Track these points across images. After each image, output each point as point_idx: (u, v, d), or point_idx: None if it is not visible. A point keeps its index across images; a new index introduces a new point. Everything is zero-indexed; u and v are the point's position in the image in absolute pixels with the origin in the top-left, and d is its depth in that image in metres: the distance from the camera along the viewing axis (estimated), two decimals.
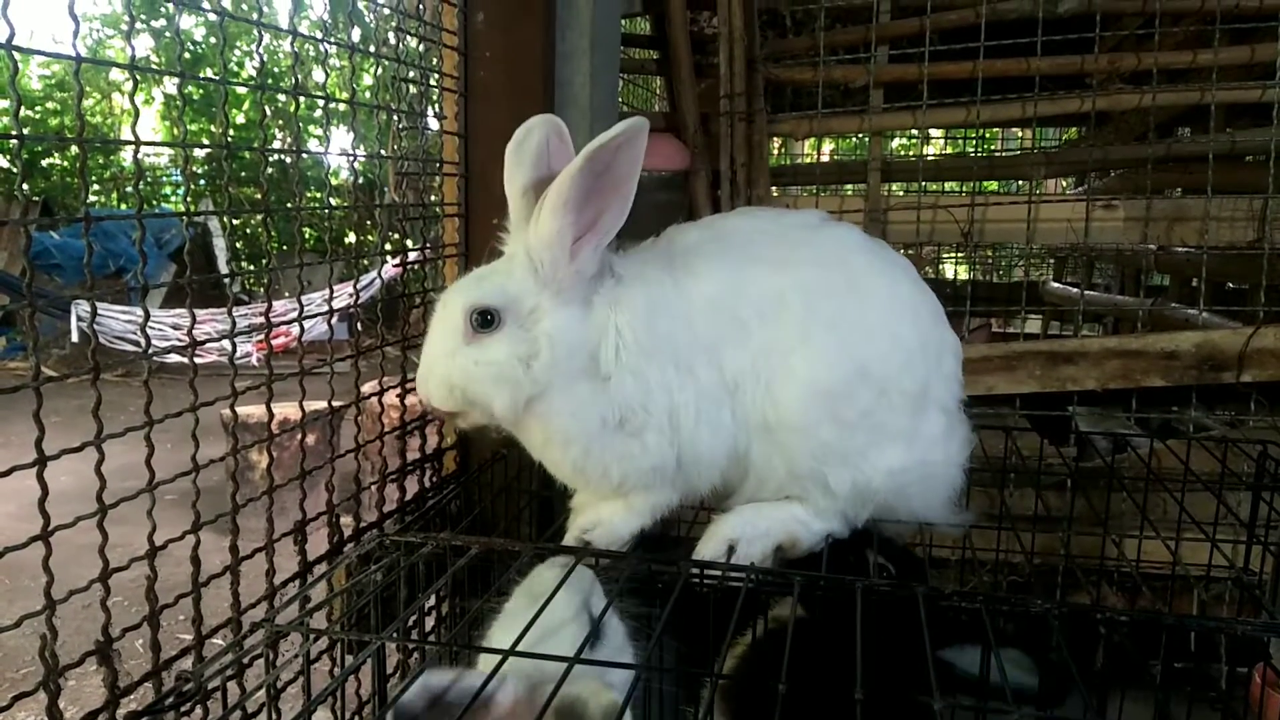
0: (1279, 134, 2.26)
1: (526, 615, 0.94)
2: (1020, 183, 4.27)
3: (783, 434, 1.20)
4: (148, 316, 1.24)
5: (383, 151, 1.93)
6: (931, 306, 1.33)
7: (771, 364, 1.19)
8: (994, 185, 5.31)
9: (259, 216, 1.44)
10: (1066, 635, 0.96)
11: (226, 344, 1.27)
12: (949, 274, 6.69)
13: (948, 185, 4.16)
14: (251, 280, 11.53)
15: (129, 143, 1.09)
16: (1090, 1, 2.60)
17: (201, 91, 10.79)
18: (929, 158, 3.85)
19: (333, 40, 1.58)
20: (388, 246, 1.77)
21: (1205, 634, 0.96)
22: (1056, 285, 5.29)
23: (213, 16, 1.23)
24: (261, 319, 1.32)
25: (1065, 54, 2.58)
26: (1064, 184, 5.26)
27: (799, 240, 1.27)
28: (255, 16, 1.31)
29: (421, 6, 1.75)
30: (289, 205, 1.40)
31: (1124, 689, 1.37)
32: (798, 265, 1.23)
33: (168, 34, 11.90)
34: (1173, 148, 2.87)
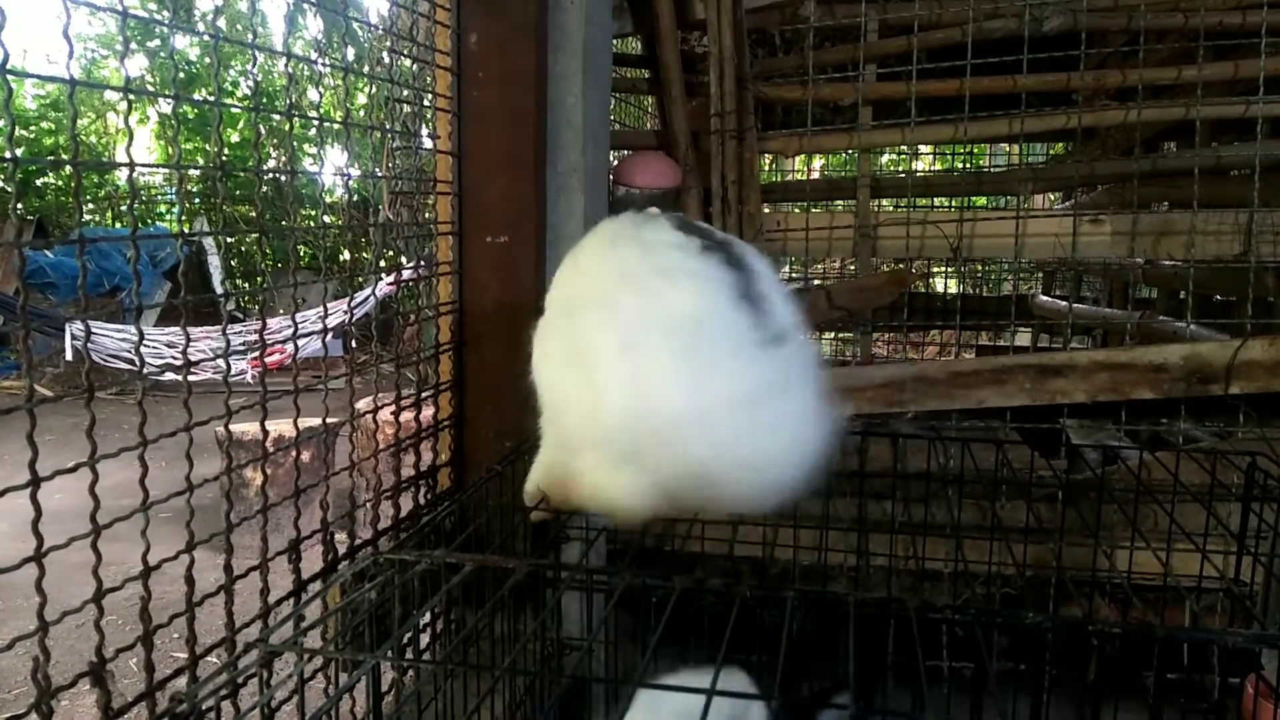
0: (1263, 149, 2.29)
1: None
2: (1008, 198, 4.31)
3: None
4: (142, 338, 1.25)
5: (377, 170, 1.95)
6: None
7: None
8: (982, 200, 5.36)
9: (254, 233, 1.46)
10: (1060, 648, 0.97)
11: (221, 361, 1.27)
12: (939, 287, 6.74)
13: (936, 200, 4.20)
14: (246, 297, 11.54)
15: (123, 165, 1.10)
16: (1075, 19, 2.64)
17: (196, 110, 10.83)
18: (918, 174, 3.89)
19: (327, 62, 1.60)
20: (382, 263, 1.78)
21: (1197, 645, 0.97)
22: (1045, 299, 5.31)
23: (207, 38, 1.24)
24: (256, 336, 1.32)
25: (1051, 71, 2.62)
26: (1051, 199, 5.30)
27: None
28: (249, 38, 1.32)
29: (415, 28, 1.77)
30: (283, 223, 1.41)
31: (1117, 700, 1.38)
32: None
33: (162, 54, 11.93)
34: (1158, 163, 2.90)
